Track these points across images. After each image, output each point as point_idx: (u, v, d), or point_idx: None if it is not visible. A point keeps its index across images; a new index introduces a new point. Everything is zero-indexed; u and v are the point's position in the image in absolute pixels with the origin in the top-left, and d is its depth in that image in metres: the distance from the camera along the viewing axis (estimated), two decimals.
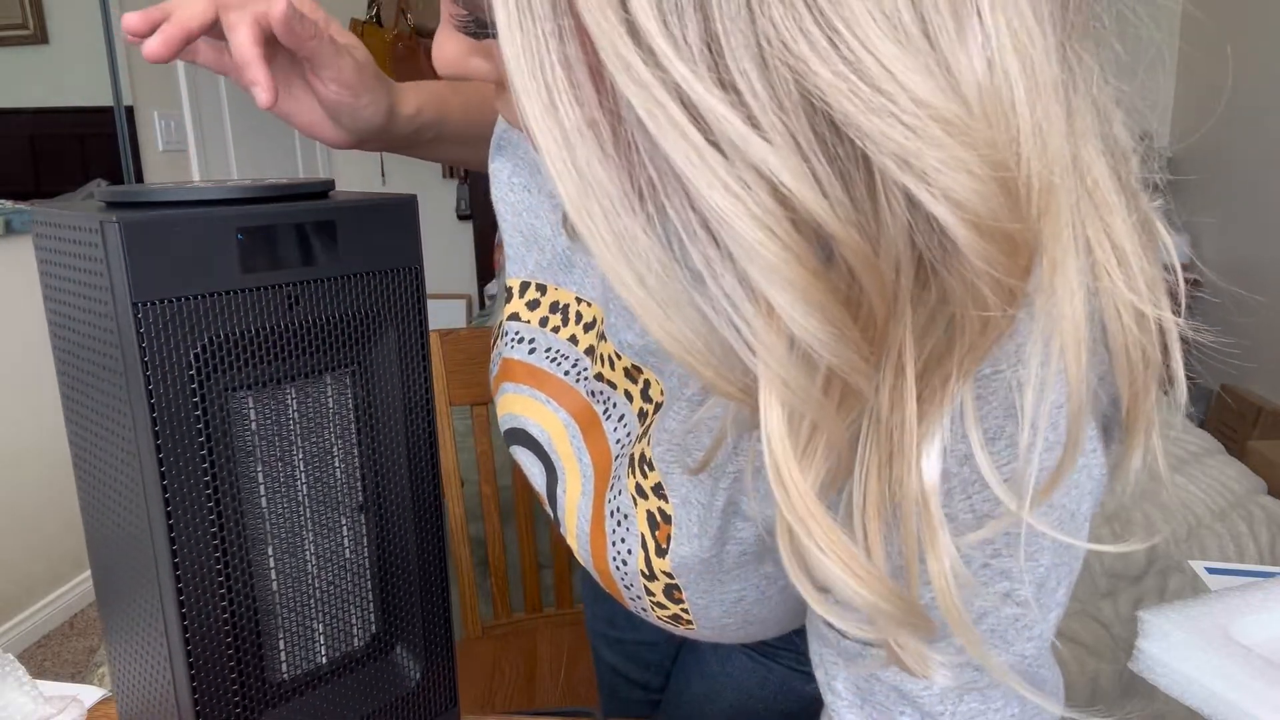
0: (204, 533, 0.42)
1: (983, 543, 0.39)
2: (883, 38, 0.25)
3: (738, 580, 0.52)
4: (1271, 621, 0.74)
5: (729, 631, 0.56)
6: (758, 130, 0.26)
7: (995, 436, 0.38)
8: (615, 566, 0.56)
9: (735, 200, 0.27)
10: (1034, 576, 0.40)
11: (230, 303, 0.41)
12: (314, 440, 0.47)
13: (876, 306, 0.29)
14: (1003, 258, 0.28)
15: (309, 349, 0.45)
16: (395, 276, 0.48)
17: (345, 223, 0.45)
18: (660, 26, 0.26)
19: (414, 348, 0.49)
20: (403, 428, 0.49)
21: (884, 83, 0.25)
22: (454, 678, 0.55)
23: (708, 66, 0.26)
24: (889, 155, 0.26)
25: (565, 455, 0.60)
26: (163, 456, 0.40)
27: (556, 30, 0.27)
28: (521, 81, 0.28)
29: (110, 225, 0.38)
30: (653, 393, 0.54)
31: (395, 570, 0.51)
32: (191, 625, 0.43)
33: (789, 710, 0.73)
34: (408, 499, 0.50)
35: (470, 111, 0.75)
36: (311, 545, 0.48)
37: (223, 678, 0.44)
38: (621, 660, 0.89)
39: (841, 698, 0.45)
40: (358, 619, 0.51)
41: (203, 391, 0.41)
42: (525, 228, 0.65)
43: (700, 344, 0.30)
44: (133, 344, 0.39)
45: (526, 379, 0.64)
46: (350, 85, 0.63)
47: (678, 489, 0.51)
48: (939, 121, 0.26)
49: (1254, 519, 1.55)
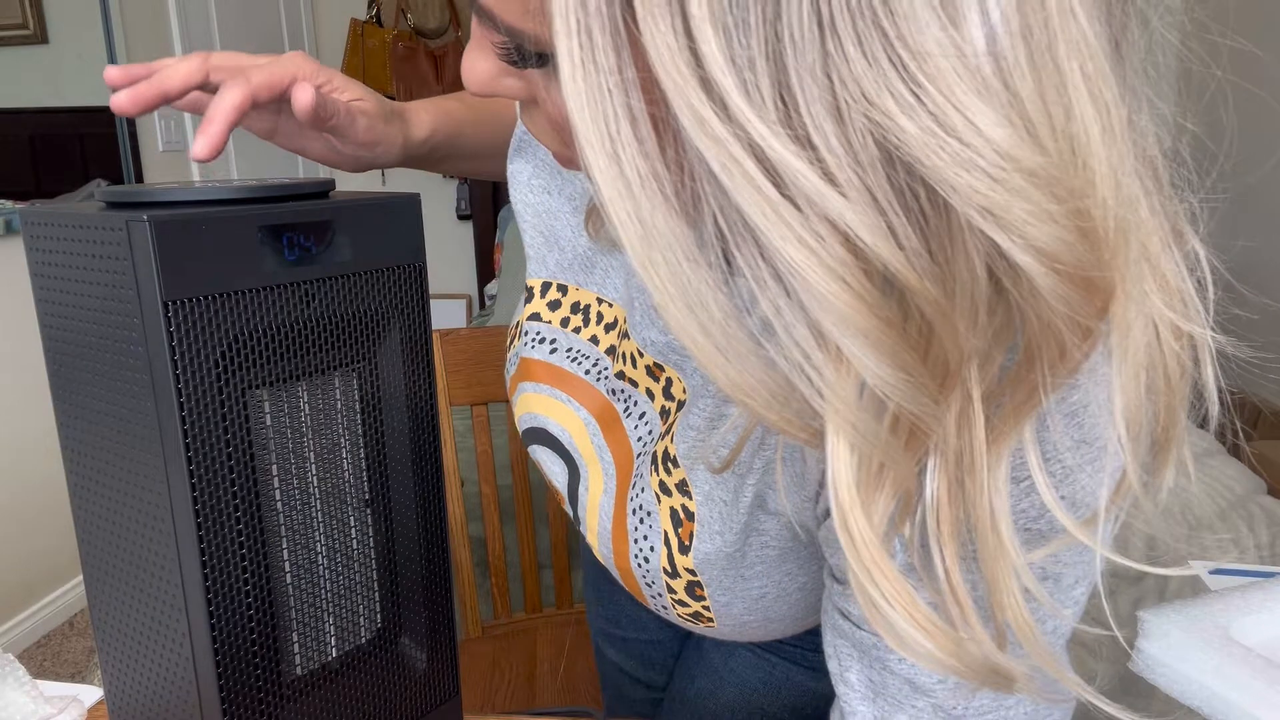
0: (230, 529, 0.43)
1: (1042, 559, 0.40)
2: (967, 91, 0.25)
3: (760, 577, 0.53)
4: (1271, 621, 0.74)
5: (749, 629, 0.56)
6: (834, 185, 0.26)
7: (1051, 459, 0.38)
8: (637, 564, 0.56)
9: (809, 253, 0.27)
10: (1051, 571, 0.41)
11: (253, 301, 0.42)
12: (324, 437, 0.48)
13: (949, 351, 0.30)
14: (1081, 299, 0.28)
15: (320, 346, 0.46)
16: (399, 274, 0.48)
17: (354, 221, 0.46)
18: (736, 82, 0.25)
19: (418, 344, 0.50)
20: (407, 423, 0.50)
21: (970, 136, 0.25)
22: (456, 667, 0.56)
23: (781, 121, 0.26)
24: (974, 207, 0.26)
25: (587, 454, 0.61)
26: (191, 455, 0.41)
27: (621, 83, 0.27)
28: (585, 133, 0.28)
29: (139, 224, 0.38)
30: (675, 390, 0.55)
31: (400, 563, 0.52)
32: (218, 622, 0.43)
33: (793, 705, 0.73)
34: (412, 493, 0.51)
35: (482, 126, 0.75)
36: (323, 540, 0.49)
37: (246, 673, 0.45)
38: (626, 659, 0.89)
39: (854, 689, 0.46)
40: (364, 612, 0.52)
41: (228, 390, 0.42)
42: (546, 229, 0.65)
43: (765, 391, 0.31)
44: (161, 342, 0.39)
45: (547, 379, 0.64)
46: (365, 143, 0.63)
47: (701, 485, 0.52)
48: (1024, 173, 0.26)
49: (1254, 519, 1.55)
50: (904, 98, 0.25)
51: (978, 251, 0.27)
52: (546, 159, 0.65)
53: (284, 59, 0.58)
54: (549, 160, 0.65)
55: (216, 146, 0.51)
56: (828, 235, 0.27)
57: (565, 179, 0.64)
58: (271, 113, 0.62)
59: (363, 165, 0.67)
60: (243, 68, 0.57)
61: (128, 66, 0.55)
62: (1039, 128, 0.26)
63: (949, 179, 0.26)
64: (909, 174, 0.26)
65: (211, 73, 0.56)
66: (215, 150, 0.51)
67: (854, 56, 0.25)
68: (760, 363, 0.30)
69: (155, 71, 0.55)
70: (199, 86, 0.56)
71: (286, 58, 0.58)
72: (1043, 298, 0.28)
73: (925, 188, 0.26)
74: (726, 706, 0.75)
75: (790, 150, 0.26)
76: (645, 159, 0.28)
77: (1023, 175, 0.26)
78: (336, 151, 0.65)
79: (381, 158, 0.67)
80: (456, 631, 0.55)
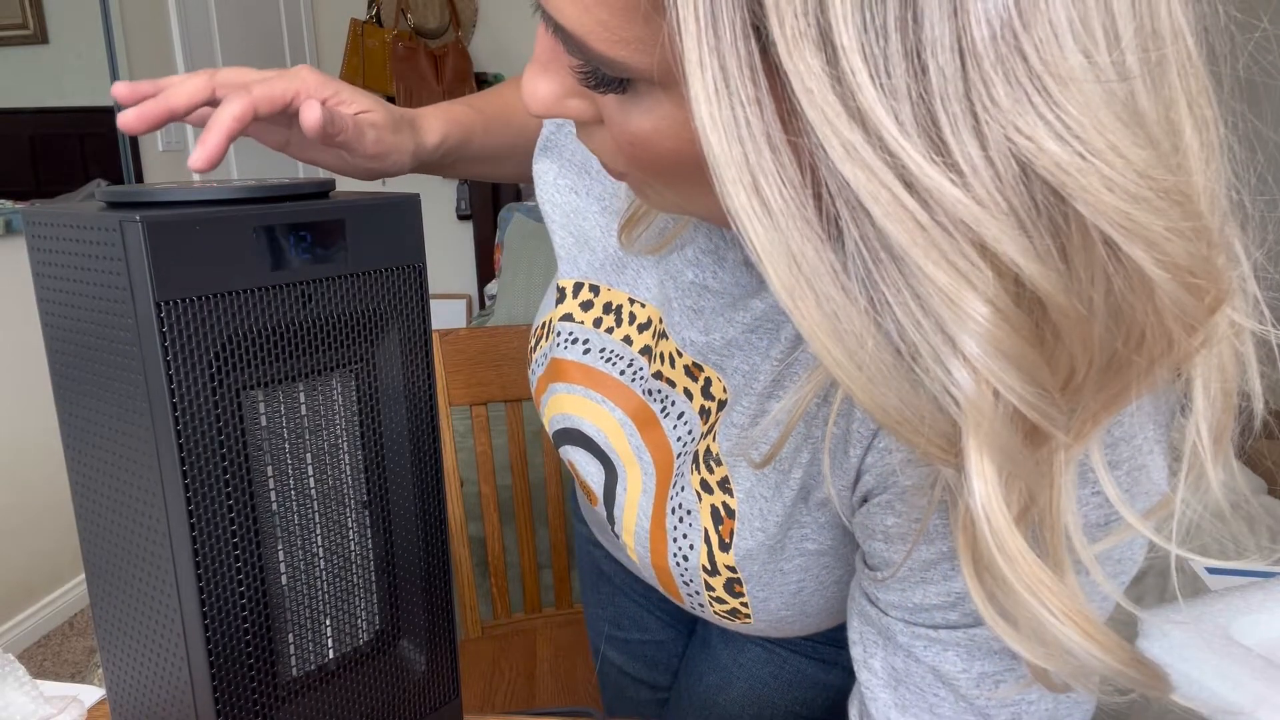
0: (223, 531, 0.43)
1: None
2: (1106, 114, 0.26)
3: (798, 571, 0.53)
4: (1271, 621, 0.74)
5: (785, 624, 0.57)
6: (983, 207, 0.27)
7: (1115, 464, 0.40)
8: (675, 563, 0.57)
9: (959, 277, 0.27)
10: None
11: (248, 301, 0.42)
12: (323, 438, 0.48)
13: (1079, 363, 0.31)
14: (1193, 303, 0.29)
15: (318, 347, 0.46)
16: (399, 274, 0.48)
17: (353, 221, 0.45)
18: (886, 111, 0.26)
19: (417, 345, 0.50)
20: (406, 424, 0.50)
21: (1111, 157, 0.26)
22: (456, 669, 0.55)
23: (930, 148, 0.26)
24: (1116, 226, 0.27)
25: (624, 454, 0.61)
26: (184, 455, 0.41)
27: (761, 114, 0.27)
28: (724, 164, 0.28)
29: (131, 224, 0.38)
30: (714, 390, 0.55)
31: (400, 565, 0.52)
32: (212, 623, 0.43)
33: (803, 698, 0.73)
34: (411, 495, 0.51)
35: (492, 131, 0.75)
36: (320, 542, 0.49)
37: (241, 674, 0.45)
38: (629, 661, 0.89)
39: (878, 676, 0.46)
40: (364, 614, 0.52)
41: (221, 390, 0.42)
42: (575, 229, 0.65)
43: (910, 414, 0.31)
44: (154, 343, 0.39)
45: (580, 379, 0.64)
46: (375, 155, 0.64)
47: (743, 483, 0.52)
48: (1160, 192, 0.27)
49: (1254, 519, 1.55)
50: (1049, 120, 0.26)
51: (1112, 267, 0.28)
52: (573, 159, 0.65)
53: (290, 73, 0.58)
54: (575, 160, 0.65)
55: (214, 157, 0.52)
56: (977, 259, 0.27)
57: (593, 179, 0.64)
58: (283, 126, 0.63)
59: (375, 174, 0.67)
60: (249, 83, 0.57)
61: (135, 84, 0.56)
62: (1162, 145, 0.27)
63: (1092, 200, 0.27)
64: (1050, 194, 0.27)
65: (218, 89, 0.57)
66: (213, 161, 0.52)
67: (995, 80, 0.26)
68: (905, 386, 0.31)
69: (162, 89, 0.56)
70: (205, 103, 0.57)
71: (293, 72, 0.58)
72: (1160, 303, 0.29)
73: (1066, 206, 0.27)
74: (735, 702, 0.75)
75: (941, 174, 0.26)
76: (788, 188, 0.28)
77: (1159, 194, 0.27)
78: (347, 162, 0.65)
79: (393, 167, 0.67)
80: (456, 633, 0.55)
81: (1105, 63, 0.26)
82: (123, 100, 0.56)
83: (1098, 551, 0.39)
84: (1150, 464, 0.41)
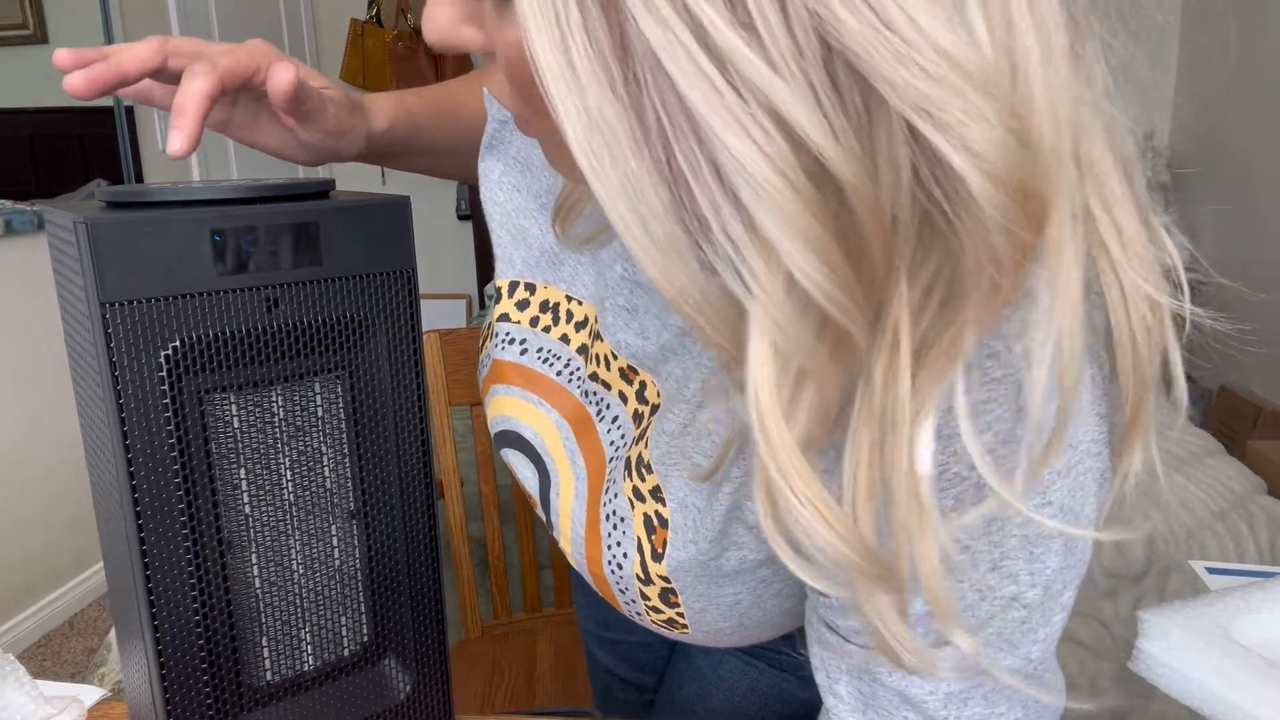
0: (174, 533, 0.42)
1: (989, 542, 0.39)
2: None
3: (734, 584, 0.52)
4: (1271, 621, 0.74)
5: (724, 635, 0.56)
6: (777, 73, 0.26)
7: (978, 415, 0.37)
8: (610, 570, 0.56)
9: (751, 144, 0.27)
10: (1041, 579, 0.40)
11: (204, 305, 0.41)
12: (301, 444, 0.46)
13: (877, 257, 0.30)
14: (1015, 208, 0.28)
15: (295, 352, 0.44)
16: (386, 280, 0.46)
17: (331, 224, 0.44)
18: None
19: (406, 352, 0.48)
20: (394, 434, 0.48)
21: (909, 32, 0.26)
22: (448, 691, 0.53)
23: (728, 6, 0.26)
24: (909, 104, 0.26)
25: (558, 457, 0.60)
26: (131, 457, 0.40)
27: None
28: (534, 20, 0.28)
29: (80, 225, 0.38)
30: (648, 394, 0.54)
31: (386, 579, 0.50)
32: (162, 624, 0.43)
33: (780, 712, 0.72)
34: (399, 506, 0.49)
35: (443, 124, 0.73)
36: (298, 550, 0.47)
37: (194, 679, 0.44)
38: (615, 661, 0.89)
39: (844, 701, 0.45)
40: (348, 627, 0.50)
41: (173, 394, 0.41)
42: (514, 227, 0.64)
43: (696, 291, 0.31)
44: (102, 344, 0.39)
45: (518, 380, 0.63)
46: (333, 132, 0.61)
47: (675, 493, 0.51)
48: (960, 72, 0.26)
49: (1254, 519, 1.55)
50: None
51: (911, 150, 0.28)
52: (517, 156, 0.64)
53: (246, 45, 0.55)
54: (519, 157, 0.64)
55: (193, 138, 0.49)
56: (769, 126, 0.27)
57: (534, 175, 0.63)
58: (225, 104, 0.59)
59: (324, 158, 0.64)
60: (203, 53, 0.54)
61: (79, 50, 0.51)
62: (978, 33, 0.26)
63: (885, 74, 0.26)
64: (848, 69, 0.27)
65: (170, 57, 0.53)
66: (192, 143, 0.48)
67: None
68: (696, 263, 0.30)
69: (109, 55, 0.52)
70: (157, 70, 0.53)
71: (249, 45, 0.55)
72: (977, 203, 0.28)
73: (863, 84, 0.27)
74: (715, 712, 0.74)
75: (737, 36, 0.26)
76: (593, 47, 0.28)
77: (960, 75, 0.26)
78: (297, 142, 0.62)
79: (346, 150, 0.64)
80: (449, 646, 0.54)
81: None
82: (64, 66, 0.51)
83: (966, 524, 0.37)
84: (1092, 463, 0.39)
